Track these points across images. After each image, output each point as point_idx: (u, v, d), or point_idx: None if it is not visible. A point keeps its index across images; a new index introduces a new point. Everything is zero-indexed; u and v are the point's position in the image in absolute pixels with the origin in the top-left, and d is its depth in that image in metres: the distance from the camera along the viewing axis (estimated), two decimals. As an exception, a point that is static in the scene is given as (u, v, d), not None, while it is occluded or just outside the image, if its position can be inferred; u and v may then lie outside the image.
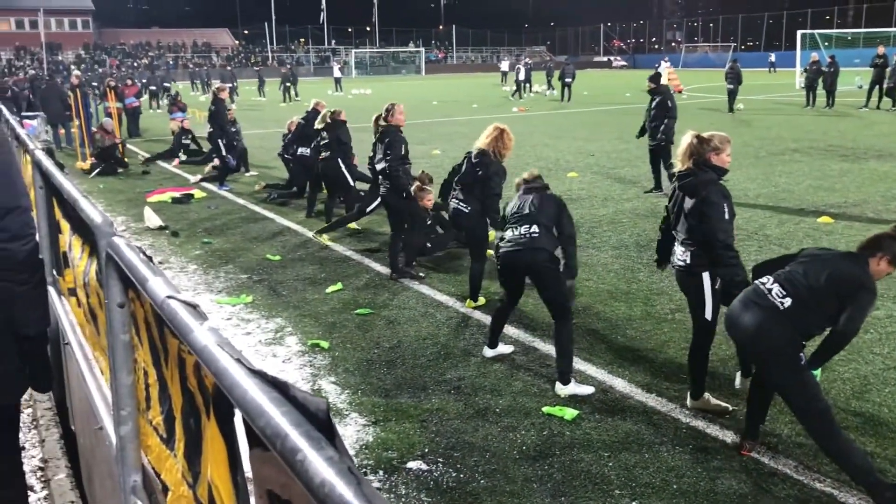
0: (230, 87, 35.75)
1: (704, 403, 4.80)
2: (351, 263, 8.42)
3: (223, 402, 1.19)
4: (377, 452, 4.40)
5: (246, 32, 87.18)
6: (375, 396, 5.13)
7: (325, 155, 9.88)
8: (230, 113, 14.22)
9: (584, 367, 5.52)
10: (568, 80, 32.81)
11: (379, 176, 7.94)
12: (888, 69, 24.01)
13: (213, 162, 14.43)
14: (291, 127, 12.39)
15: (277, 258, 8.65)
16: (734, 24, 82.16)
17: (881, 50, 24.41)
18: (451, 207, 7.15)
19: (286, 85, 37.25)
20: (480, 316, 6.62)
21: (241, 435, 1.15)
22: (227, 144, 13.50)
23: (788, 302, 3.93)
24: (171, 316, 1.21)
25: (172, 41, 77.49)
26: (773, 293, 3.99)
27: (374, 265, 8.29)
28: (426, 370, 5.53)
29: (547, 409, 4.86)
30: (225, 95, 14.07)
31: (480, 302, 6.85)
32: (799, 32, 38.67)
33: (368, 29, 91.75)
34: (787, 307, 3.93)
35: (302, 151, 11.37)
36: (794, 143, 17.17)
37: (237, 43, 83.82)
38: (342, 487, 0.68)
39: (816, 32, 42.49)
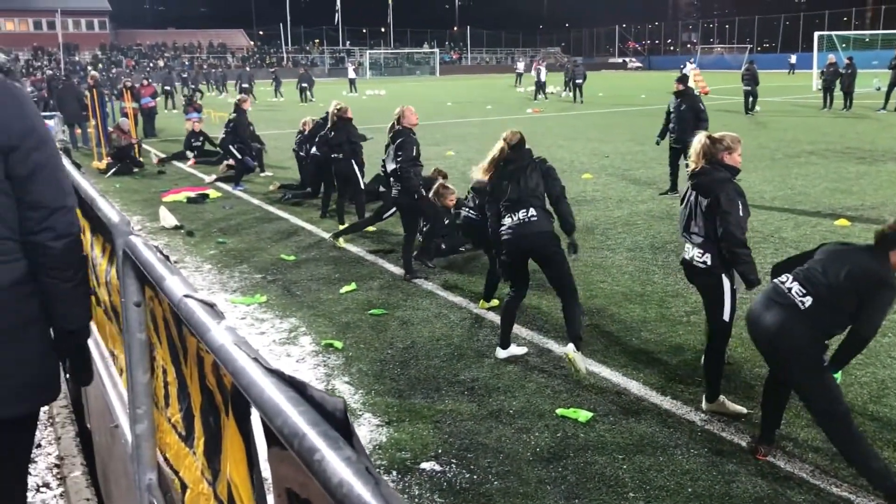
0: (251, 89, 36.00)
1: (720, 406, 4.76)
2: (365, 264, 8.43)
3: (241, 400, 1.19)
4: (390, 453, 4.40)
5: (261, 33, 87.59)
6: (389, 397, 5.13)
7: (336, 156, 9.89)
8: (246, 105, 14.24)
9: (598, 369, 5.50)
10: (578, 80, 32.79)
11: (390, 178, 7.94)
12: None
13: (227, 161, 14.48)
14: (306, 126, 12.41)
15: (292, 258, 8.68)
16: (750, 25, 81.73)
17: (899, 51, 24.24)
18: (461, 216, 7.26)
19: (303, 86, 37.38)
20: (494, 317, 6.60)
21: (258, 433, 1.14)
22: (239, 149, 13.56)
23: (809, 301, 3.86)
24: (188, 315, 1.21)
25: (188, 42, 77.97)
26: (792, 292, 3.93)
27: (387, 266, 8.30)
28: (440, 371, 5.53)
29: (561, 410, 4.85)
30: (248, 106, 14.05)
31: (493, 303, 6.84)
32: (816, 34, 38.42)
33: (383, 30, 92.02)
34: (807, 306, 3.86)
35: (315, 152, 11.39)
36: (810, 145, 17.05)
37: (252, 44, 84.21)
38: (360, 487, 0.68)
39: (834, 34, 42.22)
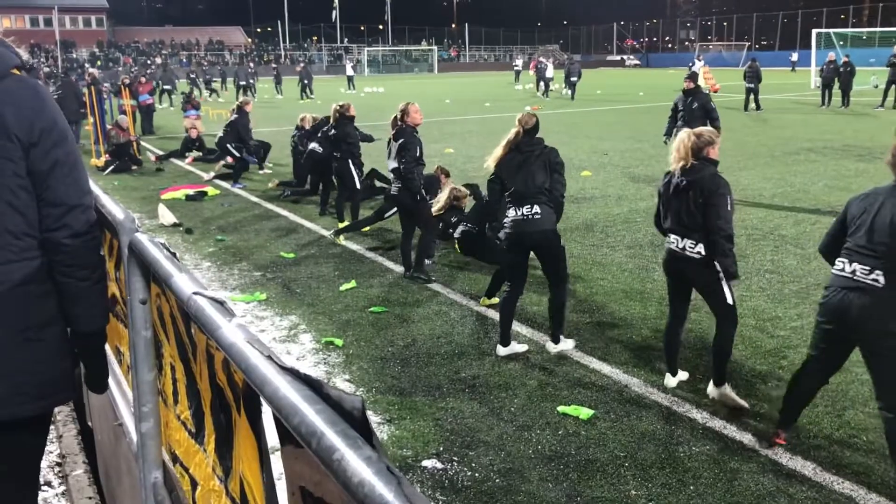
0: (250, 87, 35.96)
1: (724, 394, 4.79)
2: (365, 261, 8.42)
3: (253, 398, 1.18)
4: (392, 451, 4.40)
5: (259, 30, 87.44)
6: (390, 394, 5.13)
7: (335, 154, 9.89)
8: (248, 107, 14.24)
9: (599, 366, 5.50)
10: (574, 78, 32.79)
11: (391, 175, 7.90)
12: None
13: (222, 162, 14.45)
14: (305, 122, 12.39)
15: (291, 255, 8.67)
16: (748, 23, 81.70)
17: (897, 49, 24.26)
18: (459, 230, 7.41)
19: (304, 83, 37.42)
20: (495, 314, 6.59)
21: (269, 431, 1.14)
22: (237, 148, 13.55)
23: (880, 277, 3.64)
24: (198, 312, 1.21)
25: (186, 39, 77.81)
26: (857, 274, 3.72)
27: (387, 263, 8.29)
28: (441, 368, 5.52)
29: (562, 408, 4.84)
30: (250, 108, 14.07)
31: (494, 301, 6.84)
32: (814, 31, 38.42)
33: (381, 27, 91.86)
34: (883, 283, 3.63)
35: (313, 146, 11.34)
36: (809, 142, 17.05)
37: (250, 41, 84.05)
38: (382, 487, 0.67)
39: (832, 31, 42.23)
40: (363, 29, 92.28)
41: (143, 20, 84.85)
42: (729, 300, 4.71)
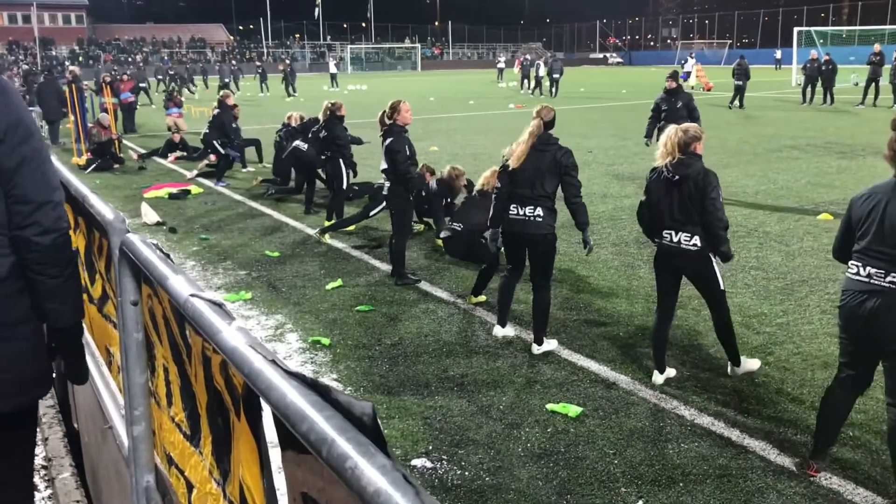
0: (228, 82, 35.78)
1: (745, 370, 5.18)
2: (351, 260, 8.39)
3: (253, 402, 1.16)
4: (381, 450, 4.37)
5: (241, 28, 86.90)
6: (378, 394, 5.11)
7: (326, 155, 9.84)
8: (235, 111, 14.19)
9: (586, 363, 5.51)
10: (556, 75, 32.86)
11: (382, 175, 7.74)
12: (884, 67, 24.10)
13: (207, 159, 14.35)
14: (291, 119, 12.32)
15: (276, 254, 8.62)
16: (730, 20, 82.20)
17: (877, 48, 24.48)
18: (443, 233, 7.51)
19: (287, 80, 37.28)
20: (482, 312, 6.60)
21: (269, 436, 1.12)
22: (222, 144, 13.46)
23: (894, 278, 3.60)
24: (196, 315, 1.18)
25: (167, 37, 77.19)
26: (873, 278, 3.67)
27: (373, 262, 8.26)
28: (428, 367, 5.51)
29: (551, 405, 4.84)
30: (231, 101, 14.00)
31: (481, 298, 6.83)
32: (795, 30, 38.73)
33: (364, 24, 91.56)
34: None
35: (297, 144, 11.26)
36: (791, 139, 17.17)
37: (232, 38, 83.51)
38: (399, 498, 0.65)
39: (813, 30, 42.57)
40: (346, 26, 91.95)
41: (123, 17, 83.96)
42: (722, 286, 4.99)
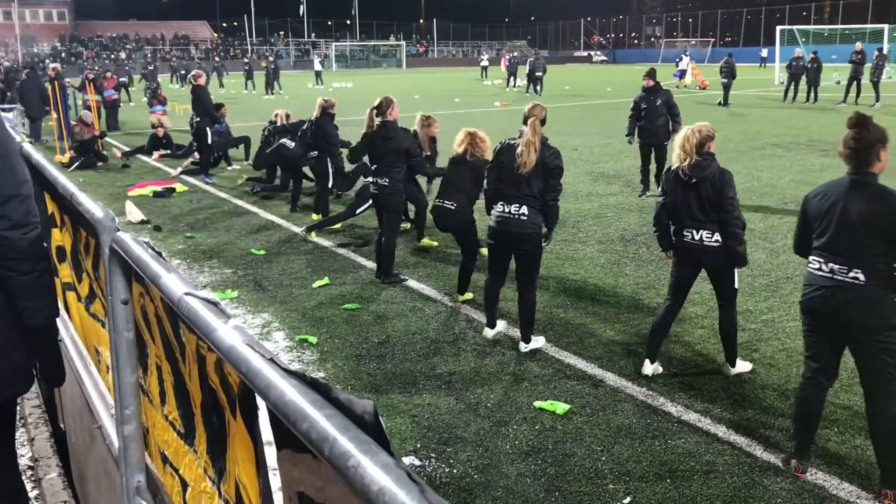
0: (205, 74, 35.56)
1: (739, 367, 5.26)
2: (337, 258, 8.37)
3: (249, 401, 1.16)
4: (369, 448, 4.37)
5: (224, 25, 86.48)
6: (366, 392, 5.10)
7: (314, 154, 9.81)
8: (223, 112, 14.12)
9: (573, 360, 5.53)
10: (539, 73, 32.88)
11: (371, 176, 7.52)
12: (865, 65, 24.32)
13: (192, 157, 14.27)
14: (278, 117, 12.27)
15: (262, 252, 8.59)
16: (713, 19, 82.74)
17: (859, 46, 24.72)
18: (432, 206, 7.14)
19: (271, 78, 37.16)
20: (469, 310, 6.60)
21: (264, 434, 1.12)
22: (213, 132, 13.37)
23: (860, 275, 3.67)
24: (190, 314, 1.18)
25: (151, 34, 76.68)
26: (836, 274, 3.75)
27: (360, 260, 8.25)
28: (416, 365, 5.51)
29: (538, 403, 4.86)
30: (202, 81, 13.88)
31: (468, 296, 6.83)
32: (778, 28, 38.99)
33: (349, 22, 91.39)
34: (864, 280, 3.67)
35: (284, 141, 11.17)
36: (775, 137, 17.30)
37: (216, 35, 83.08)
38: (404, 496, 0.65)
39: (795, 28, 42.87)
40: (331, 24, 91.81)
41: (106, 14, 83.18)
42: (736, 284, 5.11)
